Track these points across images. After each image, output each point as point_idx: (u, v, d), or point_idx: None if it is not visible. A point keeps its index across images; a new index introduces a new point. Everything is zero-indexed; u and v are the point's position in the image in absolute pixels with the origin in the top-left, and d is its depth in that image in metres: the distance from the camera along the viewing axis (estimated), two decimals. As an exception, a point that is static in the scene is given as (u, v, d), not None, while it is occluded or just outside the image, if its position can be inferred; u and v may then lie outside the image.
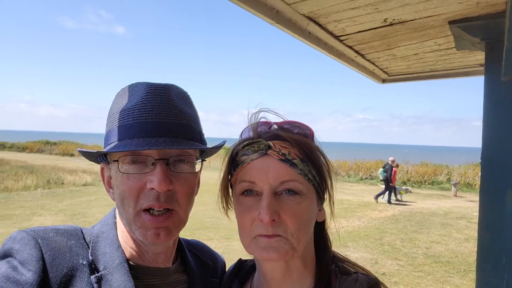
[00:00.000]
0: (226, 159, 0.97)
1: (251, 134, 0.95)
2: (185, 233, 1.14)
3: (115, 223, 0.97)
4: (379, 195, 17.06)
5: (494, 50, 1.92)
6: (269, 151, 0.87)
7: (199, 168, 1.01)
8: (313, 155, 0.90)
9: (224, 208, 1.01)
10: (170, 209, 0.89)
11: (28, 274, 0.76)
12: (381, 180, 17.97)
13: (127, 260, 0.91)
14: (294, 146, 0.88)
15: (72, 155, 40.65)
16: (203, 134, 1.00)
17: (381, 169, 17.70)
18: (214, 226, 11.11)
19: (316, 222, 0.98)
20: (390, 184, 16.91)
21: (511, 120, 1.77)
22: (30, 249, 0.80)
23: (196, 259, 1.11)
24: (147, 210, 0.88)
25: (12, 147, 47.66)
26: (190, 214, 0.99)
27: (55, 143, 48.30)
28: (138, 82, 0.94)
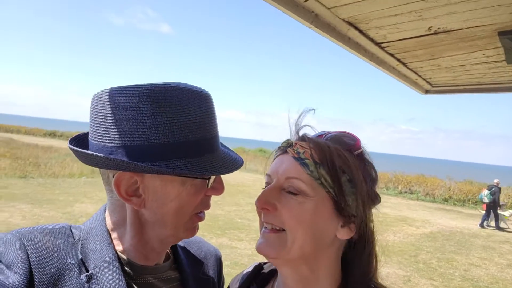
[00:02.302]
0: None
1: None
2: (216, 232, 1.15)
3: (105, 218, 0.94)
4: (484, 220, 15.58)
5: (547, 64, 1.80)
6: (288, 149, 0.92)
7: None
8: (332, 162, 0.86)
9: None
10: None
11: (15, 277, 0.74)
12: (483, 203, 16.16)
13: (119, 258, 0.88)
14: (314, 148, 0.88)
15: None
16: None
17: (486, 192, 15.86)
18: (245, 227, 11.11)
19: (352, 241, 0.95)
20: (499, 207, 15.60)
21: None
22: (15, 251, 0.77)
23: (188, 256, 1.09)
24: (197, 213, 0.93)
25: (62, 136, 50.37)
26: (222, 213, 1.02)
27: (102, 134, 50.31)
28: (182, 88, 0.83)
